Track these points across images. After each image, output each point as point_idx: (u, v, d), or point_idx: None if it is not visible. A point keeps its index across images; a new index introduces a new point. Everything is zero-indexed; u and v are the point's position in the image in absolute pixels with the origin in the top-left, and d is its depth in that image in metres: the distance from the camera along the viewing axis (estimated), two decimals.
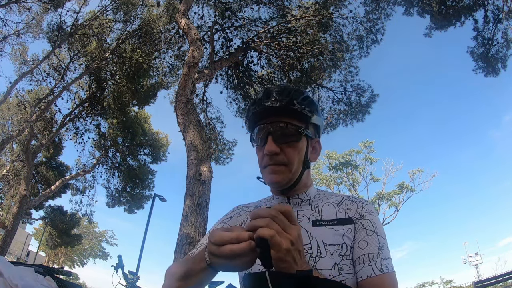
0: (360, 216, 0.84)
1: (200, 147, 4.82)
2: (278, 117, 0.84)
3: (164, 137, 15.77)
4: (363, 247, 0.78)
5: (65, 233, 17.13)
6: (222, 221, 0.96)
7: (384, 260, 0.76)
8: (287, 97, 0.84)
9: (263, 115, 0.86)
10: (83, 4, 11.12)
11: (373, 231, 0.81)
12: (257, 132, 0.87)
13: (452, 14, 9.39)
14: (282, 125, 0.83)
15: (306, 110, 0.85)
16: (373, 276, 0.74)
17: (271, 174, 0.84)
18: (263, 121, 0.86)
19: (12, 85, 11.50)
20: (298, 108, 0.83)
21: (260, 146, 0.87)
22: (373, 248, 0.78)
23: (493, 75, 9.68)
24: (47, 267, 0.77)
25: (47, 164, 15.31)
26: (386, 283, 0.74)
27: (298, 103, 0.84)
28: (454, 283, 22.32)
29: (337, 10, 8.95)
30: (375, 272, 0.74)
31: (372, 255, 0.77)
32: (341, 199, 0.90)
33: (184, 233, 4.08)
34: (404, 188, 21.39)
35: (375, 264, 0.75)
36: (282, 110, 0.83)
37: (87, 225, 28.34)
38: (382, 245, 0.79)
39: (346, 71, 9.53)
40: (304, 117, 0.85)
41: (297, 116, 0.85)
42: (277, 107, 0.83)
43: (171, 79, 11.29)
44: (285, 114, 0.84)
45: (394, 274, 0.76)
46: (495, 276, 9.92)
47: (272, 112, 0.84)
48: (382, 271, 0.74)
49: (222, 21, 9.31)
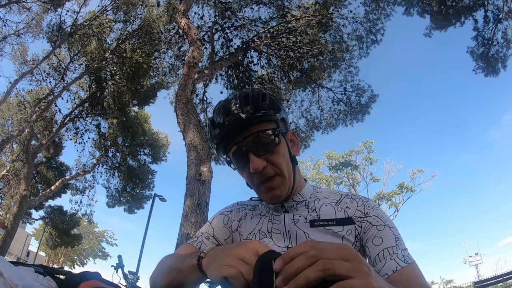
0: (364, 214, 0.81)
1: (200, 147, 4.82)
2: (247, 129, 0.77)
3: (164, 137, 15.77)
4: (379, 243, 0.75)
5: (65, 233, 17.13)
6: (222, 213, 0.95)
7: (404, 251, 0.73)
8: (247, 105, 0.77)
9: (231, 134, 0.78)
10: (83, 4, 11.11)
11: (384, 225, 0.78)
12: (232, 154, 0.80)
13: (452, 14, 9.39)
14: (257, 135, 0.77)
15: (271, 111, 0.79)
16: (400, 269, 0.69)
17: (269, 192, 0.80)
18: (233, 141, 0.79)
19: (12, 85, 11.50)
20: (262, 114, 0.77)
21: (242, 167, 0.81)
22: (390, 241, 0.74)
23: (493, 75, 9.68)
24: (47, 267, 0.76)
25: (47, 164, 15.31)
26: (414, 273, 0.70)
27: (261, 107, 0.77)
28: (454, 283, 22.33)
29: (337, 10, 8.95)
30: (400, 265, 0.70)
31: (392, 248, 0.73)
32: (340, 197, 0.86)
33: (184, 233, 4.08)
34: (404, 188, 21.41)
35: (397, 257, 0.71)
36: (249, 120, 0.76)
37: (87, 225, 28.32)
38: (398, 236, 0.76)
39: (346, 71, 9.54)
40: (272, 118, 0.80)
41: (266, 119, 0.79)
42: (242, 120, 0.76)
43: (171, 79, 11.30)
44: (253, 123, 0.77)
45: (416, 263, 0.73)
46: (495, 276, 9.92)
47: (239, 126, 0.77)
48: (407, 262, 0.70)
49: (222, 21, 9.31)
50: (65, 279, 0.73)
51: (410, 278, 0.68)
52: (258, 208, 0.93)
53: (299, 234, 0.80)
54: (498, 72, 9.60)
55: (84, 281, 0.71)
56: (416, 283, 0.68)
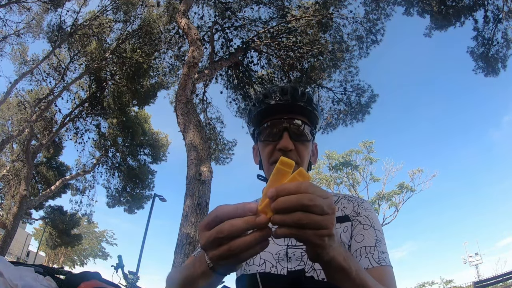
0: (357, 213, 0.83)
1: (200, 147, 4.82)
2: (294, 114, 0.84)
3: (164, 137, 15.77)
4: (360, 240, 0.76)
5: (65, 233, 17.14)
6: None
7: (382, 254, 0.73)
8: (304, 97, 0.85)
9: (279, 110, 0.85)
10: (83, 4, 11.11)
11: (370, 225, 0.79)
12: (268, 126, 0.85)
13: (452, 14, 9.39)
14: (299, 122, 0.84)
15: (318, 113, 0.87)
16: (370, 268, 0.70)
17: None
18: (277, 115, 0.85)
19: (12, 85, 11.49)
20: (313, 110, 0.85)
21: (269, 141, 0.85)
22: (370, 241, 0.75)
23: (493, 75, 9.68)
24: (47, 267, 0.76)
25: (47, 164, 15.32)
26: (384, 275, 0.69)
27: (313, 106, 0.86)
28: (454, 283, 22.30)
29: (337, 10, 8.95)
30: (372, 264, 0.71)
31: (369, 247, 0.74)
32: (338, 198, 0.89)
33: (184, 233, 4.08)
34: (404, 188, 21.38)
35: (372, 256, 0.72)
36: (299, 108, 0.84)
37: (87, 225, 28.31)
38: (380, 239, 0.77)
39: (346, 71, 9.54)
40: (315, 120, 0.88)
41: (311, 117, 0.86)
42: (294, 105, 0.83)
43: (171, 79, 11.30)
44: (301, 113, 0.85)
45: (391, 268, 0.73)
46: (495, 276, 9.92)
47: (288, 108, 0.84)
48: (380, 263, 0.71)
49: (222, 21, 9.31)
50: (65, 279, 0.73)
51: (378, 279, 0.65)
52: None
53: None
54: (498, 72, 9.61)
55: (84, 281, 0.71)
56: (384, 285, 0.64)
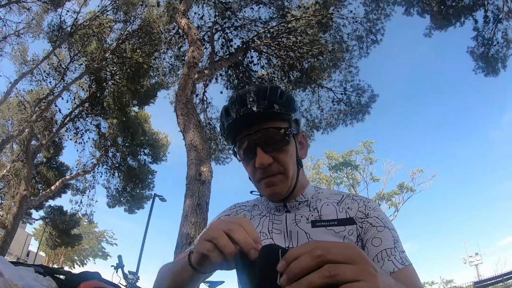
0: (365, 215, 0.80)
1: (200, 147, 4.82)
2: (260, 123, 0.77)
3: (164, 137, 15.77)
4: (378, 244, 0.75)
5: (65, 233, 17.15)
6: (220, 217, 0.93)
7: (402, 253, 0.73)
8: (264, 100, 0.76)
9: (243, 125, 0.78)
10: (83, 4, 11.11)
11: (384, 226, 0.78)
12: (240, 145, 0.80)
13: (452, 14, 9.40)
14: (268, 131, 0.76)
15: (287, 109, 0.78)
16: (397, 271, 0.69)
17: (268, 187, 0.79)
18: (244, 132, 0.78)
19: (12, 85, 11.50)
20: (278, 110, 0.77)
21: (248, 160, 0.80)
22: (388, 243, 0.74)
23: (493, 75, 9.69)
24: (47, 267, 0.76)
25: (47, 164, 15.32)
26: (411, 275, 0.70)
27: (277, 104, 0.77)
28: (454, 283, 22.30)
29: (337, 10, 8.95)
30: (397, 266, 0.70)
31: (390, 249, 0.73)
32: (341, 198, 0.86)
33: (184, 233, 4.08)
34: (404, 188, 21.42)
35: (395, 258, 0.71)
36: (262, 115, 0.76)
37: (87, 225, 28.33)
38: (396, 238, 0.76)
39: (346, 71, 9.54)
40: (286, 116, 0.79)
41: (279, 117, 0.78)
42: (259, 113, 0.75)
43: (171, 79, 11.29)
44: (267, 118, 0.77)
45: (412, 266, 0.73)
46: (495, 276, 9.93)
47: (252, 119, 0.76)
48: (404, 264, 0.71)
49: (222, 21, 9.31)
50: (65, 279, 0.73)
51: (407, 280, 0.68)
52: (257, 208, 0.92)
53: (300, 235, 0.79)
54: (498, 72, 9.61)
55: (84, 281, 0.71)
56: (412, 285, 0.68)
